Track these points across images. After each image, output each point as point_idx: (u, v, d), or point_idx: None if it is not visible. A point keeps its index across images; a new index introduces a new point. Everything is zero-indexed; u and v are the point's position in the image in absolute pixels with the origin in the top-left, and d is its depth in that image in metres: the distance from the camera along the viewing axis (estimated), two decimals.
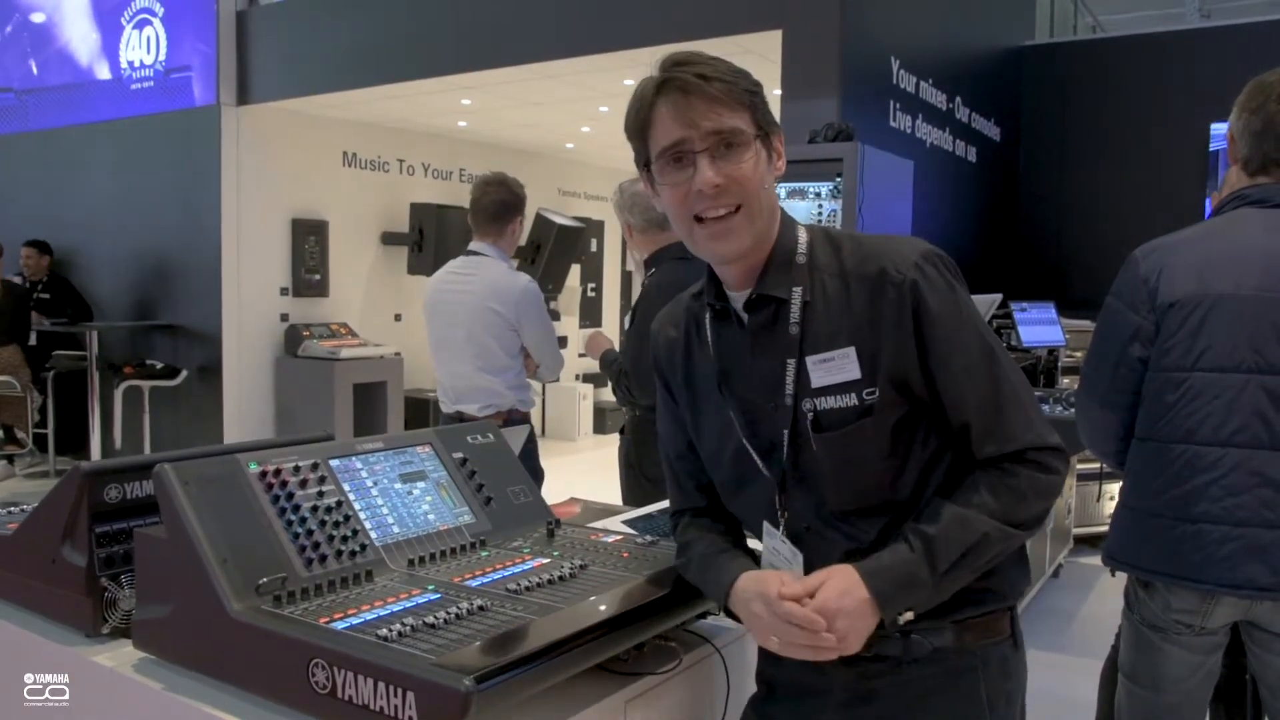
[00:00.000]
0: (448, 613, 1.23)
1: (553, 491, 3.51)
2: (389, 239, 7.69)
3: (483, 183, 3.35)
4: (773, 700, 1.44)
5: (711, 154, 1.22)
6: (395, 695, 1.08)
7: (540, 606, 1.29)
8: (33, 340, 6.78)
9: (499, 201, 3.33)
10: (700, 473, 1.49)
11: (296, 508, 1.42)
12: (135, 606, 1.42)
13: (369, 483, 1.55)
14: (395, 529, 1.52)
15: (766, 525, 1.37)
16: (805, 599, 1.20)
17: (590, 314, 9.86)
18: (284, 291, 6.90)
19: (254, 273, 6.68)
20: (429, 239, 7.45)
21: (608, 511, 2.12)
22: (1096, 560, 5.43)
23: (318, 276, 7.07)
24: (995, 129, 6.73)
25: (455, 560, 1.50)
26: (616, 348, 3.40)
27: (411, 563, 1.46)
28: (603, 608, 1.30)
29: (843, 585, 1.21)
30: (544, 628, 1.20)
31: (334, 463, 1.53)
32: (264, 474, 1.42)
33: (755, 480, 1.35)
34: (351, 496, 1.50)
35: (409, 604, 1.29)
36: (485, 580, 1.40)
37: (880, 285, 1.25)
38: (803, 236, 1.32)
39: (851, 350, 1.25)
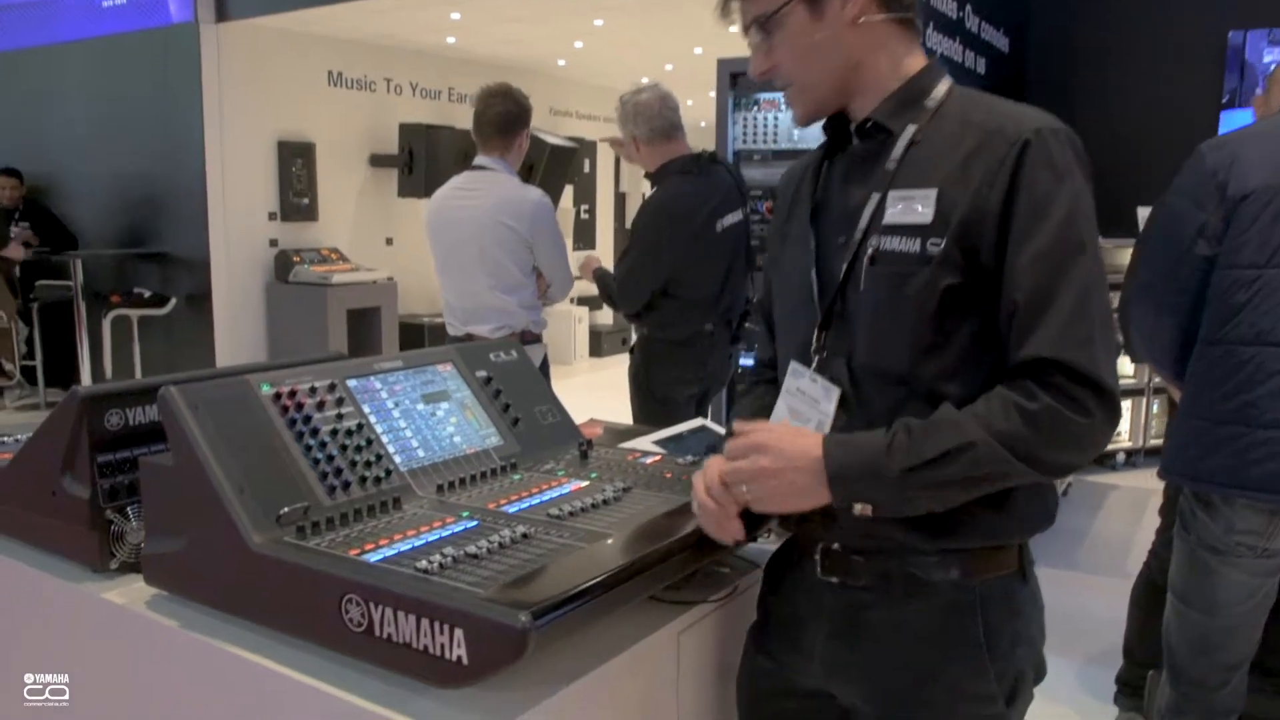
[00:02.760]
0: (489, 541, 1.13)
1: None
2: (378, 161, 7.46)
3: (487, 94, 3.18)
4: (766, 629, 1.35)
5: (757, 43, 1.23)
6: (442, 633, 0.98)
7: (588, 533, 1.19)
8: (17, 272, 6.59)
9: (505, 114, 3.16)
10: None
11: (315, 431, 1.30)
12: (144, 540, 1.32)
13: (390, 404, 1.44)
14: (420, 453, 1.41)
15: (794, 364, 1.25)
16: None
17: (584, 236, 9.68)
18: (272, 216, 6.70)
19: (240, 197, 6.47)
20: (419, 160, 7.23)
21: (632, 432, 2.02)
22: (1106, 479, 5.42)
23: (306, 200, 6.87)
24: (1004, 40, 6.51)
25: (487, 485, 1.40)
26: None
27: (440, 488, 1.36)
28: (658, 533, 1.21)
29: (799, 433, 1.14)
30: (599, 556, 1.11)
31: (351, 383, 1.41)
32: (278, 396, 1.31)
33: (804, 316, 1.25)
34: (372, 419, 1.39)
35: (445, 533, 1.19)
36: (523, 505, 1.30)
37: (992, 137, 1.13)
38: (943, 86, 1.22)
39: (934, 194, 1.13)
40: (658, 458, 1.55)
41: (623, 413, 3.32)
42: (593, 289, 3.43)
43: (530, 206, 3.12)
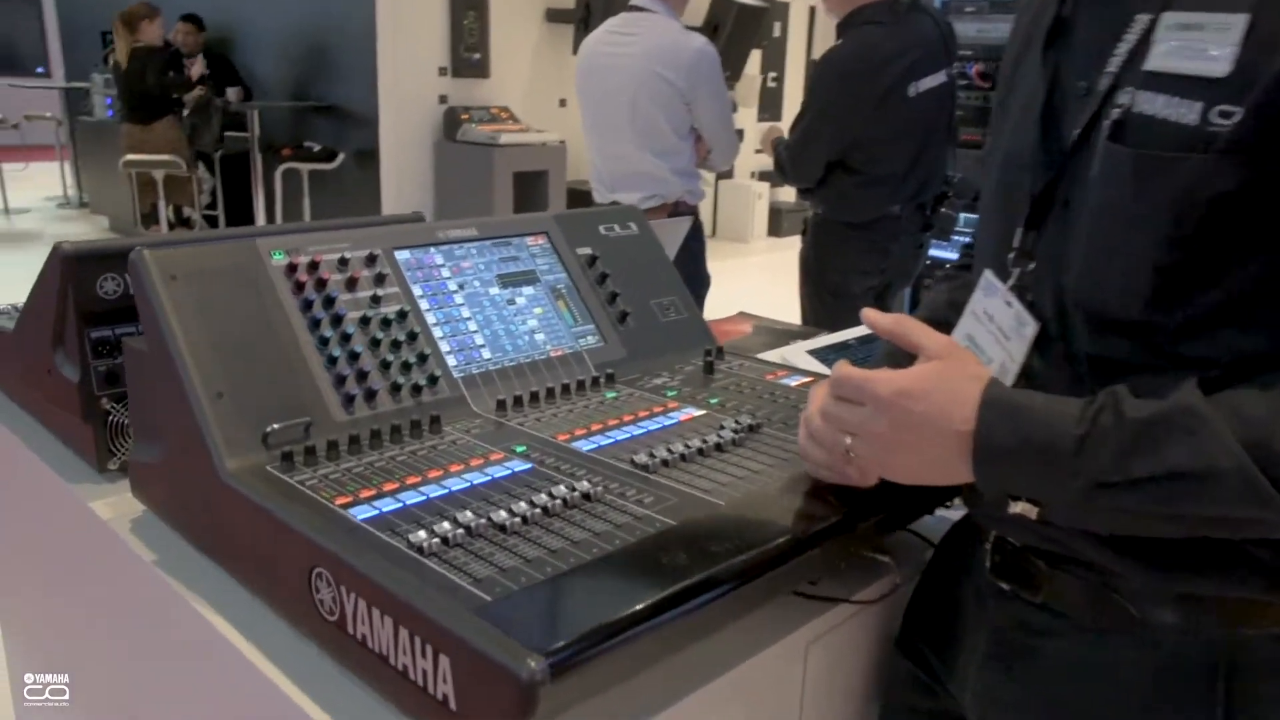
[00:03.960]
0: (532, 503, 0.77)
1: (717, 304, 3.02)
2: (553, 16, 7.05)
3: None
4: (911, 642, 0.97)
5: None
6: (423, 655, 0.64)
7: (681, 498, 0.81)
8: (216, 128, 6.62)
9: None
10: None
11: (338, 319, 0.97)
12: (133, 440, 1.04)
13: (452, 285, 1.09)
14: (484, 353, 1.06)
15: (987, 274, 0.86)
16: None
17: (770, 106, 9.02)
18: (442, 72, 6.44)
19: (410, 51, 6.23)
20: (596, 16, 6.76)
21: (787, 335, 1.61)
22: None
23: (477, 56, 6.56)
24: None
25: (566, 405, 1.03)
26: None
27: (502, 405, 1.01)
28: (784, 507, 0.82)
29: (946, 374, 0.75)
30: (684, 548, 0.73)
31: (402, 255, 1.07)
32: (293, 268, 0.97)
33: (1010, 201, 0.83)
34: (424, 304, 1.05)
35: (479, 478, 0.84)
36: (603, 441, 0.93)
37: None
38: None
39: (1241, 22, 0.66)
40: (805, 380, 1.15)
41: (795, 305, 2.90)
42: (771, 163, 2.97)
43: (690, 56, 2.66)
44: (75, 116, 8.54)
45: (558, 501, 0.78)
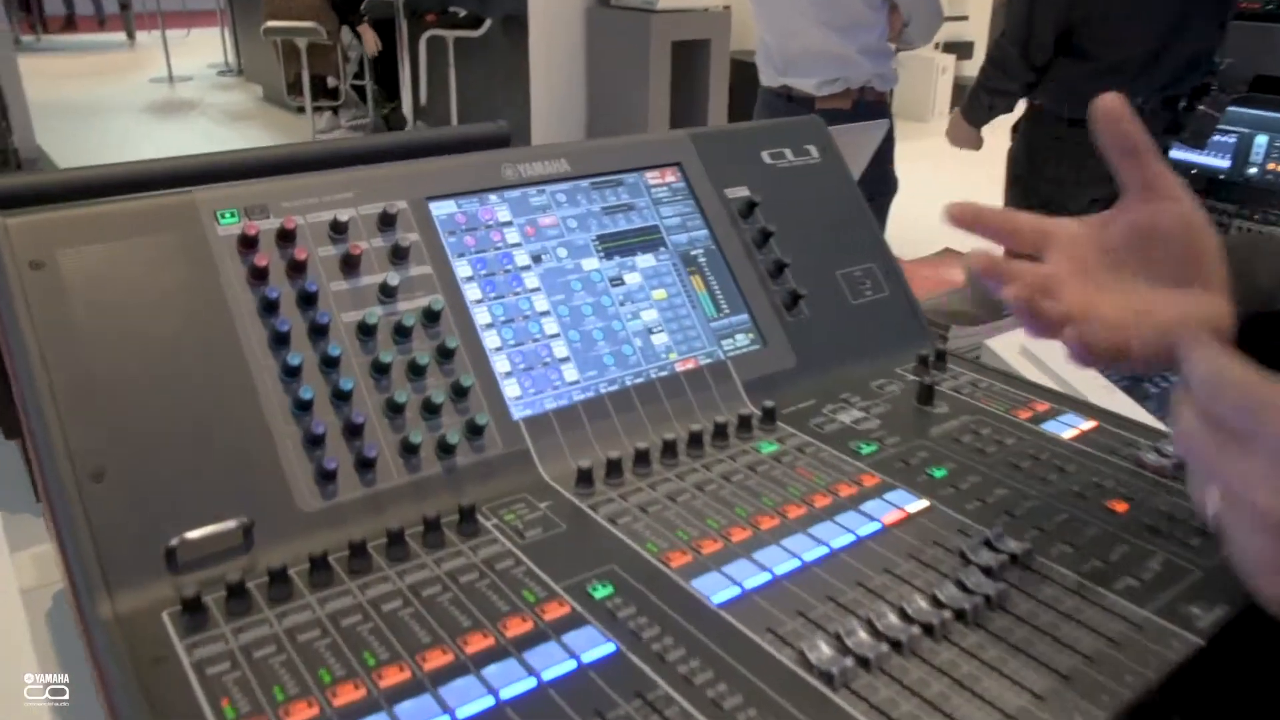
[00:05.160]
0: None
1: (902, 211, 2.50)
2: None
3: None
4: None
5: None
6: None
7: None
8: None
9: None
10: None
11: (319, 329, 0.59)
12: None
13: (521, 257, 0.68)
14: (567, 372, 0.66)
15: None
16: None
17: None
18: None
19: None
20: None
21: None
22: None
23: None
24: None
25: (693, 469, 0.63)
26: None
27: (586, 478, 0.61)
28: None
29: None
30: None
31: (440, 209, 0.67)
32: (249, 241, 0.59)
33: None
34: (470, 293, 0.65)
35: (514, 680, 0.45)
36: (749, 578, 0.52)
37: None
38: None
39: None
40: (1089, 428, 0.69)
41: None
42: (966, 32, 2.38)
43: None
44: None
45: None
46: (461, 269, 0.65)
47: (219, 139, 6.39)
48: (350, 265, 0.61)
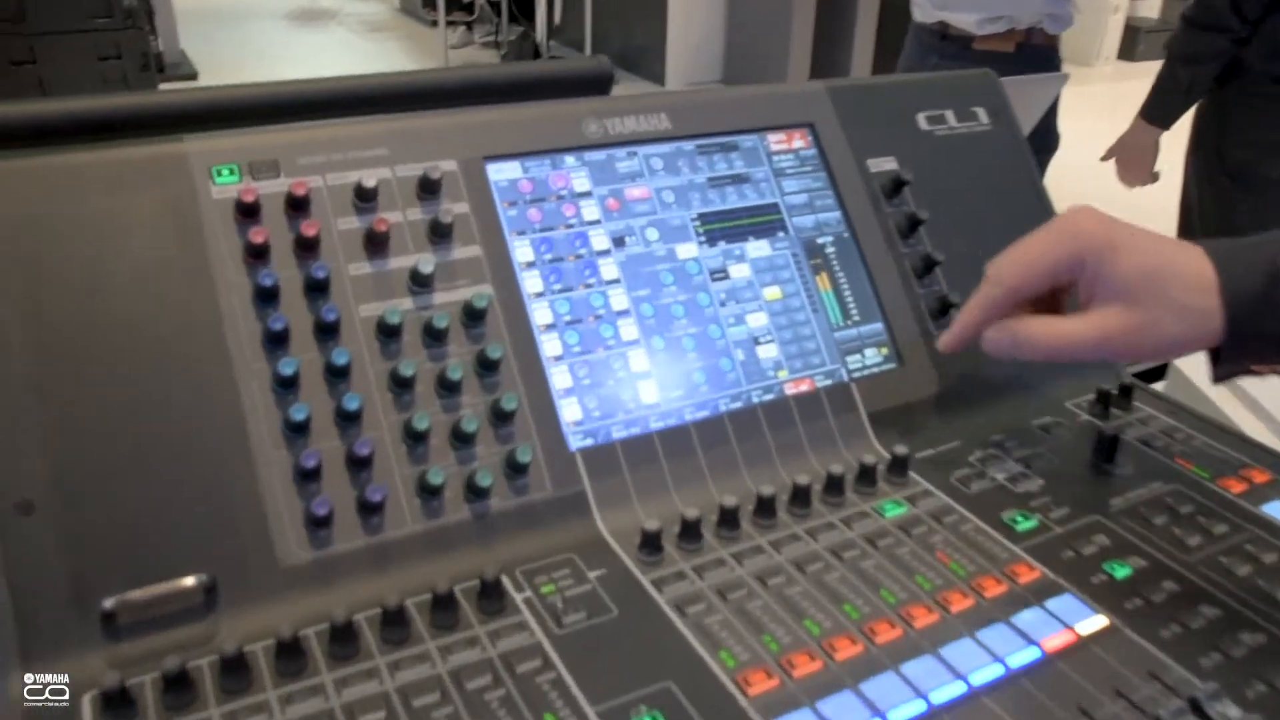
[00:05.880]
0: None
1: (1061, 172, 2.24)
2: None
3: None
4: None
5: None
6: None
7: None
8: None
9: None
10: None
11: (326, 328, 0.46)
12: None
13: (599, 240, 0.54)
14: (645, 392, 0.52)
15: None
16: None
17: None
18: None
19: None
20: None
21: None
22: None
23: None
24: None
25: (794, 537, 0.48)
26: None
27: (649, 542, 0.47)
28: None
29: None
30: None
31: (499, 172, 0.53)
32: (249, 209, 0.46)
33: None
34: (531, 284, 0.51)
35: None
36: (880, 697, 0.38)
37: None
38: None
39: None
40: None
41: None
42: None
43: None
44: None
45: None
46: (521, 252, 0.52)
47: (357, 49, 6.38)
48: (376, 244, 0.48)
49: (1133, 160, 2.06)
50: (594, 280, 0.53)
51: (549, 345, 0.51)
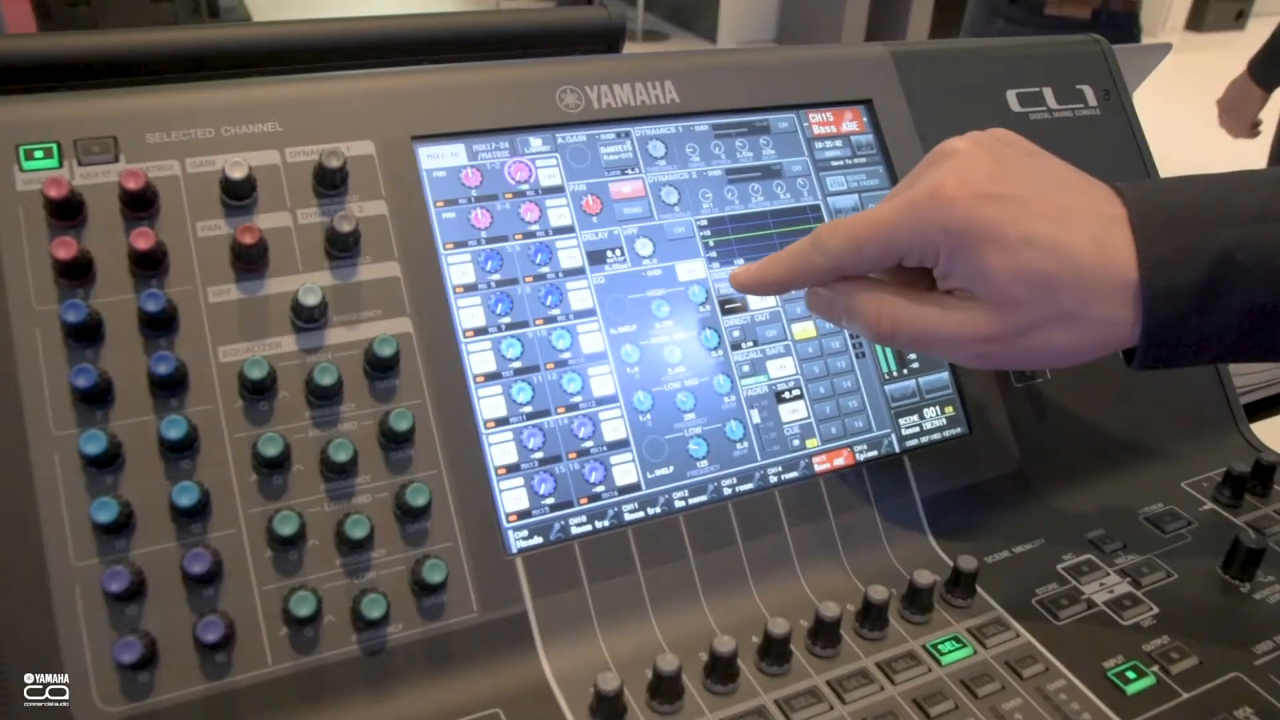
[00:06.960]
0: None
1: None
2: None
3: None
4: None
5: None
6: None
7: None
8: None
9: None
10: None
11: (163, 383, 0.32)
12: None
13: (577, 251, 0.40)
14: (621, 471, 0.38)
15: None
16: None
17: None
18: None
19: None
20: None
21: None
22: None
23: None
24: None
25: (817, 679, 0.34)
26: None
27: (608, 704, 0.33)
28: None
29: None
30: None
31: (432, 157, 0.39)
32: (59, 209, 0.33)
33: None
34: (468, 316, 0.37)
35: None
36: None
37: None
38: None
39: None
40: None
41: (1227, 151, 1.89)
42: None
43: None
44: None
45: None
46: (458, 271, 0.38)
47: None
48: (244, 262, 0.34)
49: (1235, 109, 1.88)
50: (559, 311, 0.39)
51: (488, 405, 0.37)
